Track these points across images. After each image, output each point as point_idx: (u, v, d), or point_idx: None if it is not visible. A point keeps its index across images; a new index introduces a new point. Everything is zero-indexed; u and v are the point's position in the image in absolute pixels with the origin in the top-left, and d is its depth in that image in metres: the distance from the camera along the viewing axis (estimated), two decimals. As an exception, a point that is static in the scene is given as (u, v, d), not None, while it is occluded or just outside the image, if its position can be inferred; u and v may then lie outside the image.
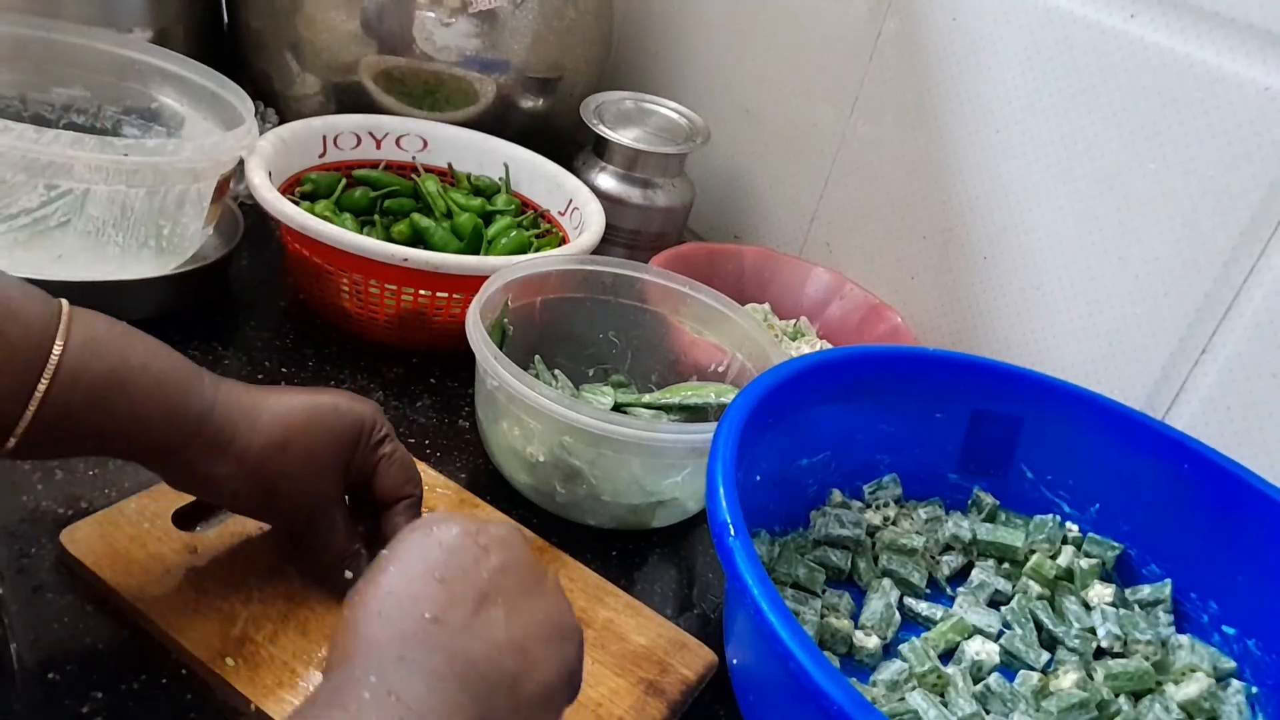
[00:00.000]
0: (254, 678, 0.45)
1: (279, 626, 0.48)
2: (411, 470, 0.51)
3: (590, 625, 0.53)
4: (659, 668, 0.52)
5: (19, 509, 0.52)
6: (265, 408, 0.46)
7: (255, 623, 0.48)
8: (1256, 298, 0.65)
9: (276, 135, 0.77)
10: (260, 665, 0.46)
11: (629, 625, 0.54)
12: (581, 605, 0.54)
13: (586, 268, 0.70)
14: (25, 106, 0.75)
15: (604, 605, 0.55)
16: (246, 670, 0.45)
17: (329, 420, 0.48)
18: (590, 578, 0.57)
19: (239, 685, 0.44)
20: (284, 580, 0.50)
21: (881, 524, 0.64)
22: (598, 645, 0.52)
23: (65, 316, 0.41)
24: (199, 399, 0.44)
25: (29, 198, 0.61)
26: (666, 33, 1.07)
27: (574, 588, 0.56)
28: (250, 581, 0.50)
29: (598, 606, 0.55)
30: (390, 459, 0.50)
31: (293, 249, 0.72)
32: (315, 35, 0.87)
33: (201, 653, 0.45)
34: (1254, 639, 0.57)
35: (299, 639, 0.47)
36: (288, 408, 0.47)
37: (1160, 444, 0.61)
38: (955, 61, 0.79)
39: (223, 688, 0.45)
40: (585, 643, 0.48)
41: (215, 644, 0.46)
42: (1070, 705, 0.53)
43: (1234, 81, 0.64)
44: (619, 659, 0.52)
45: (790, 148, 0.95)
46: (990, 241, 0.79)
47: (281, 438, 0.46)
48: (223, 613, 0.48)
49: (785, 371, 0.57)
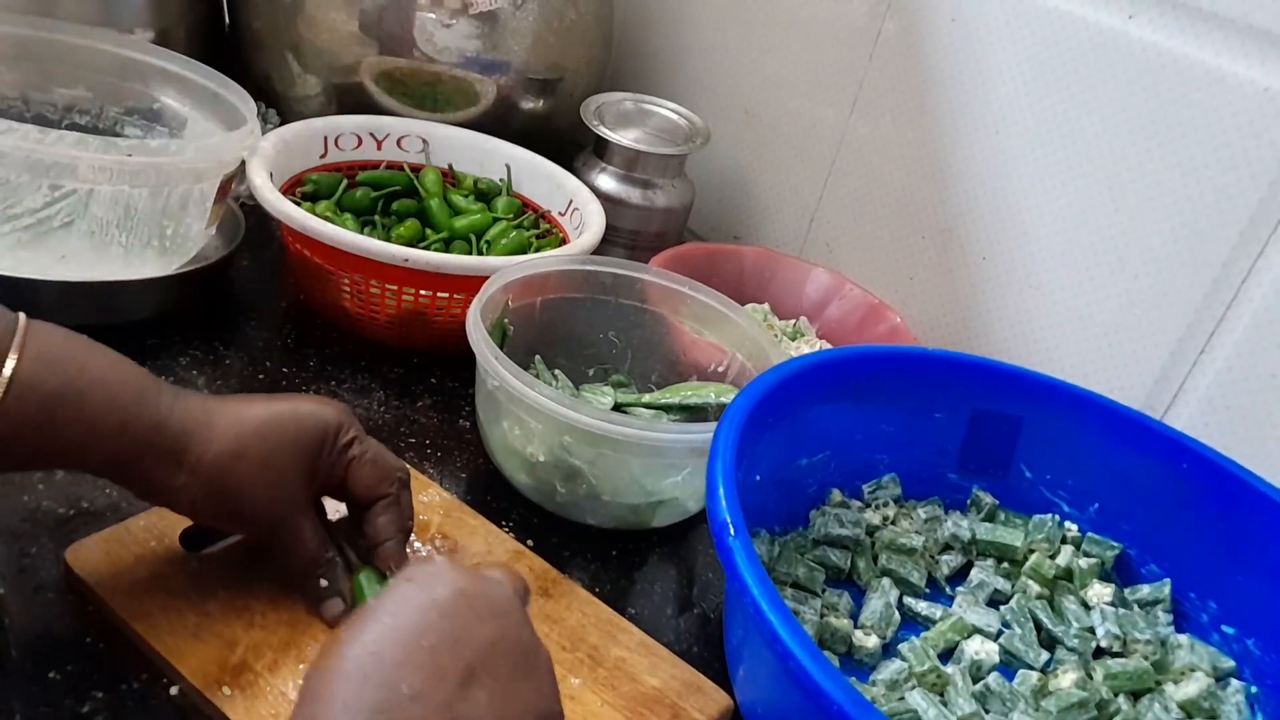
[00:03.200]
0: (250, 709, 0.44)
1: (279, 655, 0.47)
2: (387, 468, 0.50)
3: (601, 664, 0.51)
4: (671, 712, 0.49)
5: (19, 509, 0.53)
6: (220, 417, 0.45)
7: (256, 650, 0.46)
8: (1255, 298, 0.65)
9: (278, 136, 0.77)
10: (257, 696, 0.44)
11: (641, 665, 0.51)
12: (593, 641, 0.52)
13: (586, 268, 0.70)
14: (28, 107, 0.75)
15: (616, 643, 0.53)
16: (243, 701, 0.44)
17: (287, 426, 0.47)
18: (604, 612, 0.54)
19: (234, 716, 0.43)
20: (288, 606, 0.49)
21: (881, 523, 0.64)
22: (608, 685, 0.50)
23: (21, 330, 0.41)
24: (153, 411, 0.44)
25: (33, 198, 0.61)
26: (666, 34, 1.07)
27: (586, 622, 0.53)
28: (254, 606, 0.49)
29: (609, 643, 0.52)
30: (360, 460, 0.49)
31: (294, 249, 0.72)
32: (316, 36, 0.87)
33: (198, 680, 0.44)
34: (1253, 638, 0.57)
35: (299, 668, 0.46)
36: (242, 416, 0.46)
37: (1159, 444, 0.62)
38: (954, 62, 0.79)
39: (218, 717, 0.44)
40: (595, 681, 0.48)
41: (213, 671, 0.45)
42: (1069, 705, 0.53)
43: (1233, 82, 0.64)
44: (630, 701, 0.49)
45: (790, 148, 0.95)
46: (989, 241, 0.79)
47: (235, 446, 0.45)
48: (223, 638, 0.47)
49: (785, 371, 0.57)
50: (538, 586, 0.55)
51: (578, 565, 0.60)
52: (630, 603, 0.58)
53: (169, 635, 0.46)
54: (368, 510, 0.50)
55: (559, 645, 0.51)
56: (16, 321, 0.41)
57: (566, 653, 0.51)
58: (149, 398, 0.44)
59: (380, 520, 0.50)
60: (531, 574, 0.55)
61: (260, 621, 0.48)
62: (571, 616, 0.53)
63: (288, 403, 0.48)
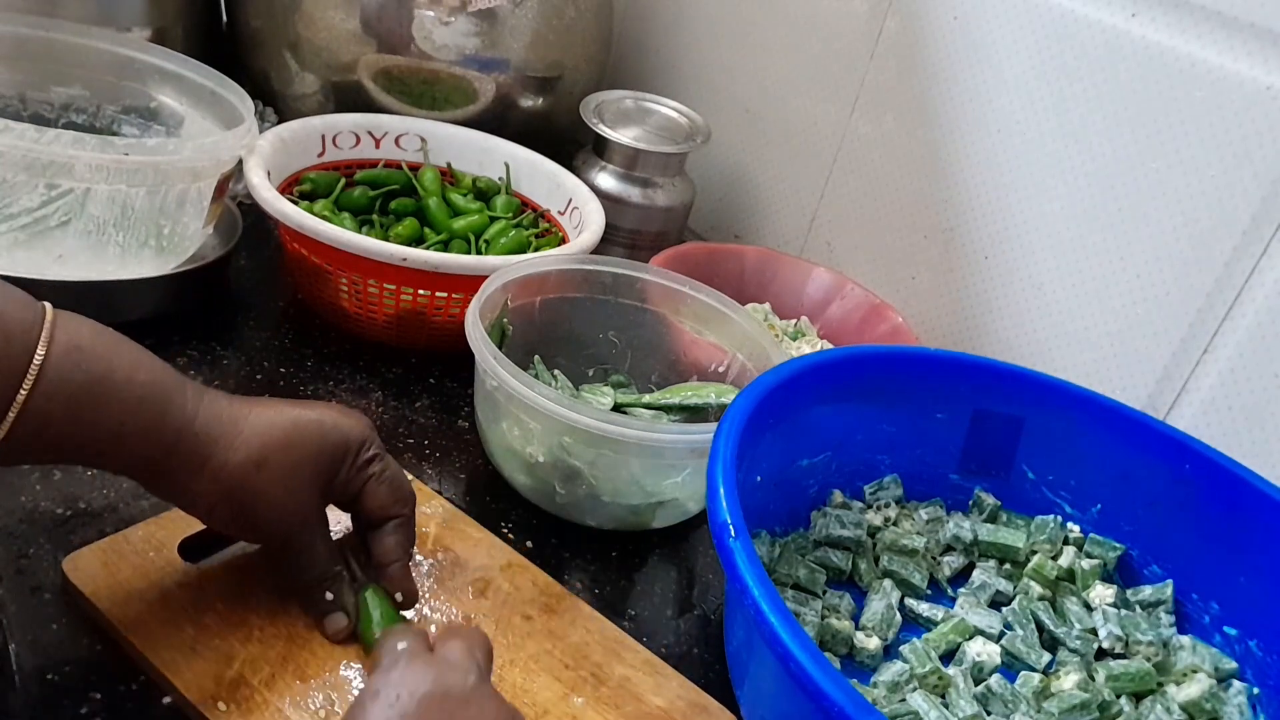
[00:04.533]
0: None
1: (277, 670, 0.46)
2: (401, 490, 0.50)
3: (604, 682, 0.50)
4: None
5: (17, 510, 0.52)
6: (247, 423, 0.45)
7: (252, 665, 0.46)
8: (1258, 297, 0.65)
9: (275, 134, 0.76)
10: (253, 712, 0.44)
11: (646, 684, 0.50)
12: (597, 660, 0.51)
13: (586, 267, 0.70)
14: (24, 106, 0.75)
15: (621, 661, 0.52)
16: (239, 717, 0.43)
17: (311, 439, 0.46)
18: (609, 630, 0.53)
19: None
20: (286, 619, 0.48)
21: (882, 525, 0.64)
22: (611, 704, 0.49)
23: (49, 322, 0.40)
24: (178, 415, 0.43)
25: (30, 197, 0.61)
26: (667, 31, 1.07)
27: (589, 639, 0.52)
28: (252, 620, 0.48)
29: (614, 662, 0.51)
30: (379, 479, 0.49)
31: (291, 248, 0.72)
32: (314, 34, 0.87)
33: (194, 695, 0.44)
34: (1255, 640, 0.57)
35: (296, 683, 0.46)
36: (269, 423, 0.45)
37: (1162, 444, 0.61)
38: (956, 60, 0.79)
39: None
40: (599, 700, 0.48)
41: (209, 686, 0.44)
42: (1071, 706, 0.53)
43: (1235, 80, 0.64)
44: None
45: (791, 147, 0.95)
46: (991, 241, 0.79)
47: (259, 455, 0.44)
48: (220, 652, 0.46)
49: (786, 371, 0.57)
50: (541, 601, 0.54)
51: (577, 567, 0.60)
52: (630, 604, 0.58)
53: (165, 649, 0.45)
54: (376, 529, 0.50)
55: (561, 663, 0.50)
56: (44, 312, 0.40)
57: (569, 670, 0.50)
58: (175, 400, 0.43)
59: (389, 540, 0.50)
60: (535, 588, 0.55)
61: (258, 635, 0.47)
62: (575, 633, 0.52)
63: (316, 412, 0.47)
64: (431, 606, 0.52)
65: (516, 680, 0.49)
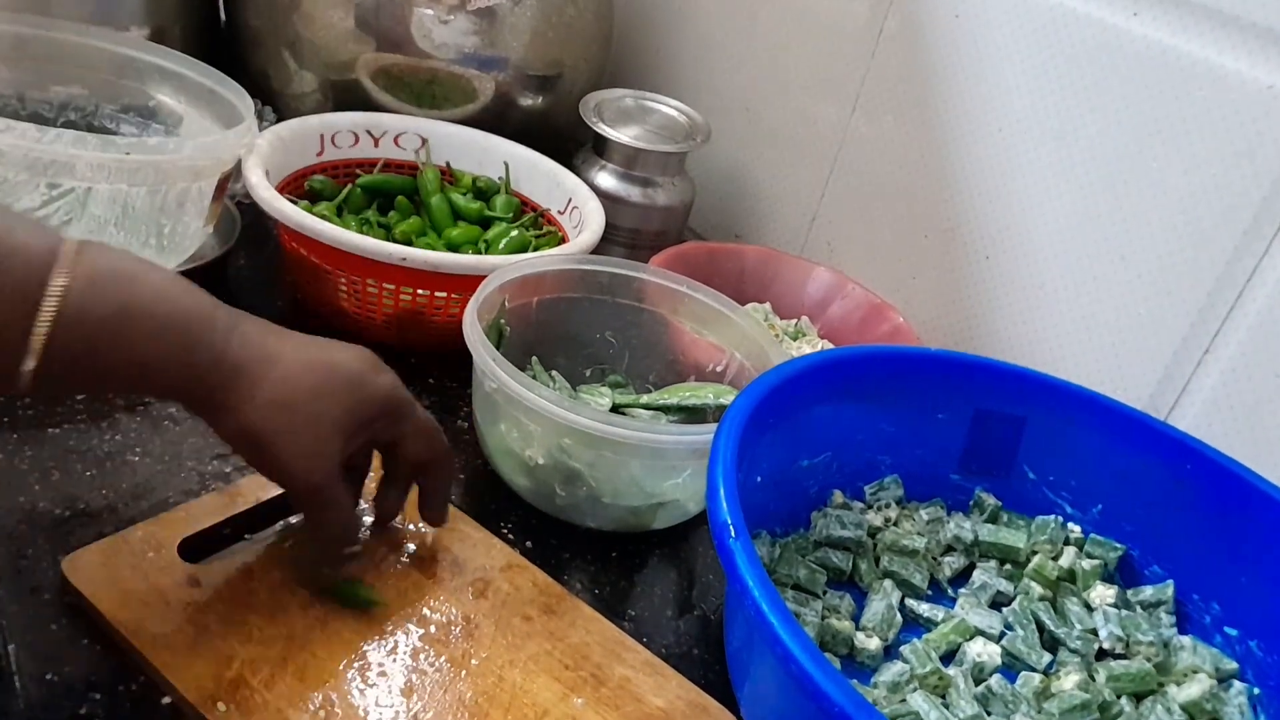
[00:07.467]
0: None
1: (276, 670, 0.46)
2: (434, 440, 0.51)
3: (605, 683, 0.50)
4: None
5: (16, 510, 0.52)
6: (281, 360, 0.44)
7: (252, 665, 0.46)
8: (1260, 297, 0.65)
9: (274, 134, 0.76)
10: (252, 712, 0.43)
11: (647, 685, 0.50)
12: (597, 660, 0.51)
13: (583, 267, 0.70)
14: (23, 105, 0.75)
15: (621, 661, 0.51)
16: (238, 717, 0.43)
17: (341, 390, 0.46)
18: (609, 631, 0.53)
19: None
20: (286, 619, 0.48)
21: (883, 525, 0.64)
22: (611, 705, 0.49)
23: (72, 251, 0.39)
24: (206, 345, 0.42)
25: (31, 197, 0.61)
26: (667, 30, 1.07)
27: (590, 640, 0.52)
28: (251, 620, 0.48)
29: (614, 662, 0.51)
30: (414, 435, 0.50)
31: (290, 248, 0.72)
32: (313, 33, 0.86)
33: (193, 695, 0.44)
34: (1256, 640, 0.57)
35: (296, 684, 0.45)
36: (305, 367, 0.45)
37: (1163, 444, 0.61)
38: (957, 59, 0.79)
39: None
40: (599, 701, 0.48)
41: (208, 687, 0.44)
42: (1072, 707, 0.53)
43: (1237, 80, 0.64)
44: None
45: (791, 146, 0.95)
46: (992, 240, 0.79)
47: (286, 398, 0.44)
48: (220, 653, 0.46)
49: (786, 372, 0.57)
50: (541, 602, 0.54)
51: (577, 568, 0.60)
52: (630, 605, 0.58)
53: (165, 649, 0.45)
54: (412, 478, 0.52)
55: (561, 663, 0.50)
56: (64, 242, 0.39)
57: (569, 671, 0.50)
58: (202, 331, 0.42)
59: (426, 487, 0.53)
60: (534, 588, 0.54)
61: (258, 635, 0.47)
62: (575, 634, 0.52)
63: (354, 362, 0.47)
64: (431, 607, 0.52)
65: (516, 680, 0.49)
